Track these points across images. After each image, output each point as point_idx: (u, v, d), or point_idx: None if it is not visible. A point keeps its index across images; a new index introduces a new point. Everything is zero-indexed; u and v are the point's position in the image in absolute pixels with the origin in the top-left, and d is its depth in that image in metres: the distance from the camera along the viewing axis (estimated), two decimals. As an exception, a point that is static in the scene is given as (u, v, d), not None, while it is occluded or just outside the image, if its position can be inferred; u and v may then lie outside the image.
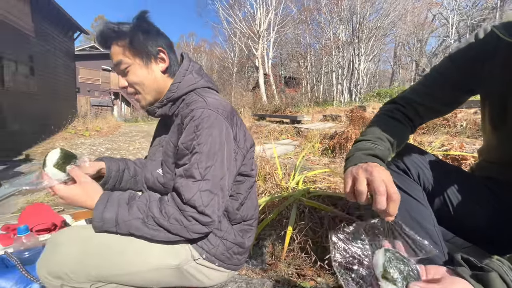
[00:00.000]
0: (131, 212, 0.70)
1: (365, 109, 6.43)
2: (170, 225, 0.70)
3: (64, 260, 0.68)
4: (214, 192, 0.72)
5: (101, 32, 0.82)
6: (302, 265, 1.13)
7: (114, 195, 0.74)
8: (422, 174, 0.76)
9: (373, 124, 0.76)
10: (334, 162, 2.54)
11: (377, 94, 12.74)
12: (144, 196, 0.75)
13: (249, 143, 0.87)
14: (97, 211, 0.70)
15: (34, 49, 7.73)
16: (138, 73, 0.82)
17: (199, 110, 0.74)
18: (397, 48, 21.59)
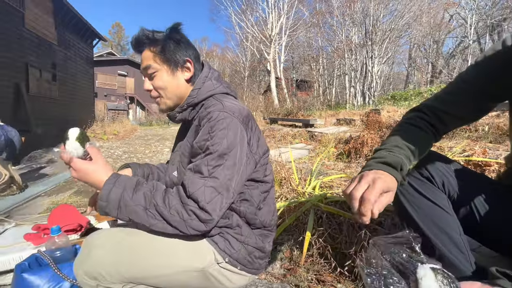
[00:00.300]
0: (134, 197, 0.72)
1: (379, 112, 6.32)
2: (170, 216, 0.71)
3: (99, 262, 0.71)
4: (218, 190, 0.73)
5: (137, 37, 0.89)
6: (322, 271, 1.13)
7: (122, 178, 0.75)
8: (446, 182, 0.75)
9: (394, 133, 0.76)
10: (350, 167, 2.51)
11: (392, 97, 12.49)
12: (152, 183, 0.77)
13: (262, 149, 0.88)
14: (105, 190, 0.72)
15: (57, 56, 8.12)
16: (164, 79, 0.88)
17: (215, 112, 0.77)
18: (412, 49, 21.11)
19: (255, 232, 0.90)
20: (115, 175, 0.76)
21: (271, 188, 0.96)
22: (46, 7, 7.51)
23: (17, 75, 6.14)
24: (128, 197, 0.72)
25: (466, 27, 15.74)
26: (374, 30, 16.37)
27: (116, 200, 0.71)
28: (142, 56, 0.89)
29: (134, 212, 0.71)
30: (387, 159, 0.66)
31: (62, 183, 3.17)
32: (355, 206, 0.57)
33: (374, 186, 0.57)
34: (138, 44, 0.89)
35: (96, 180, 0.75)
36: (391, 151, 0.69)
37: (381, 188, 0.57)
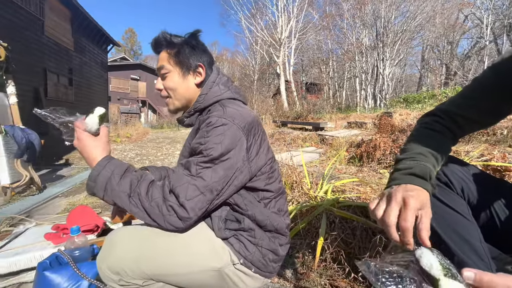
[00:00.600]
0: (120, 183, 0.74)
1: (391, 115, 6.21)
2: (150, 208, 0.72)
3: (122, 258, 0.73)
4: (201, 190, 0.73)
5: (156, 39, 0.93)
6: (335, 276, 1.12)
7: (113, 162, 0.78)
8: (466, 188, 0.74)
9: (412, 139, 0.74)
10: (362, 171, 2.48)
11: (404, 99, 12.24)
12: (141, 173, 0.79)
13: (262, 160, 0.86)
14: (94, 171, 0.75)
15: (73, 61, 8.41)
16: (174, 80, 0.91)
17: (214, 118, 0.78)
18: (425, 51, 20.69)
19: (268, 235, 0.91)
20: (108, 157, 0.79)
21: (280, 196, 0.95)
22: (64, 15, 7.82)
23: (36, 80, 6.40)
24: (115, 181, 0.74)
25: (482, 27, 15.30)
26: (386, 32, 16.15)
27: (103, 183, 0.74)
28: (158, 58, 0.93)
29: (118, 197, 0.74)
30: (414, 169, 0.63)
31: (78, 184, 3.27)
32: (392, 234, 0.52)
33: (407, 208, 0.52)
34: (157, 45, 0.93)
35: (90, 155, 0.78)
36: (415, 159, 0.66)
37: (415, 208, 0.52)
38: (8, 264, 1.30)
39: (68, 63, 8.10)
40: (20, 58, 5.42)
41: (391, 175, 0.67)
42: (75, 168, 4.44)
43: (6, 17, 5.17)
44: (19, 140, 2.60)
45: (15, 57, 4.10)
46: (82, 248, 1.18)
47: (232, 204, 0.86)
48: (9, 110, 2.78)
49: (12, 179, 2.57)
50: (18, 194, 2.68)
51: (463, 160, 0.81)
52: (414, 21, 16.06)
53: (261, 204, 0.89)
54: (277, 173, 0.95)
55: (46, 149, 4.81)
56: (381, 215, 0.55)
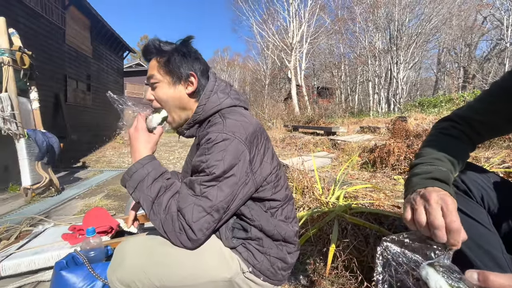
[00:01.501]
0: (150, 187, 0.76)
1: (406, 120, 6.05)
2: (165, 220, 0.73)
3: (132, 270, 0.73)
4: (207, 211, 0.71)
5: (146, 46, 0.90)
6: (347, 284, 1.09)
7: (152, 163, 0.80)
8: (486, 196, 0.71)
9: (428, 144, 0.72)
10: (375, 177, 2.42)
11: (419, 103, 11.92)
12: (171, 182, 0.80)
13: (266, 169, 0.83)
14: (133, 167, 0.78)
15: (91, 68, 8.76)
16: (164, 90, 0.87)
17: (214, 134, 0.75)
18: (441, 54, 20.14)
19: (276, 243, 0.89)
20: (150, 157, 0.81)
21: (287, 203, 0.92)
22: (84, 24, 8.18)
23: (57, 86, 6.69)
24: (147, 184, 0.76)
25: (502, 28, 14.75)
26: (399, 35, 15.87)
27: (136, 181, 0.77)
28: (149, 66, 0.90)
29: (143, 199, 0.76)
30: (434, 174, 0.60)
31: (94, 186, 3.37)
32: (443, 237, 0.48)
33: (450, 208, 0.49)
34: (146, 52, 0.90)
35: (138, 148, 0.82)
36: (433, 164, 0.64)
37: (456, 207, 0.49)
38: (28, 263, 1.35)
39: (86, 69, 8.44)
40: (43, 65, 5.70)
41: (409, 180, 0.64)
42: (91, 171, 4.59)
43: (30, 26, 5.46)
44: (40, 144, 2.72)
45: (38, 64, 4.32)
46: (97, 249, 1.21)
47: (238, 214, 0.85)
48: (31, 115, 2.92)
49: (33, 180, 2.69)
50: (38, 195, 2.79)
51: (482, 167, 0.77)
52: (429, 23, 15.70)
53: (268, 213, 0.87)
54: (283, 180, 0.92)
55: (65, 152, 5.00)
56: (425, 219, 0.51)
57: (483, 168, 0.78)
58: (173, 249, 0.77)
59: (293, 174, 2.14)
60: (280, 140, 6.31)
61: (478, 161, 2.21)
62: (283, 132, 7.87)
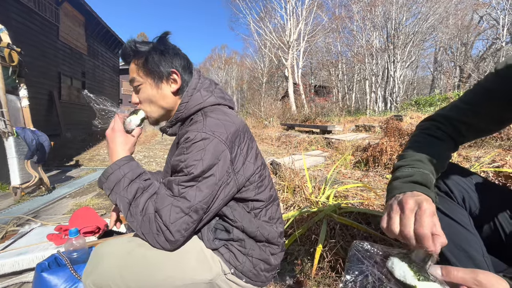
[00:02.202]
0: (127, 188, 0.74)
1: (402, 118, 6.06)
2: (142, 222, 0.72)
3: (107, 273, 0.71)
4: (185, 212, 0.70)
5: (123, 49, 0.87)
6: (333, 285, 1.09)
7: (130, 164, 0.79)
8: (467, 197, 0.70)
9: (411, 146, 0.71)
10: (368, 176, 2.42)
11: (415, 102, 11.97)
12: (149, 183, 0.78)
13: (249, 170, 0.81)
14: (110, 169, 0.77)
15: (86, 65, 8.66)
16: (148, 92, 0.85)
17: (193, 133, 0.73)
18: (437, 53, 20.24)
19: (258, 245, 0.88)
20: (127, 158, 0.80)
21: (271, 204, 0.90)
22: (78, 20, 8.08)
23: (51, 83, 6.61)
24: (123, 185, 0.75)
25: (498, 28, 14.84)
26: (397, 34, 15.90)
27: (113, 183, 0.75)
28: (129, 68, 0.87)
29: (120, 201, 0.74)
30: (415, 177, 0.59)
31: (86, 185, 3.34)
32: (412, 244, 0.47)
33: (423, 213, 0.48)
34: (125, 56, 0.87)
35: (115, 149, 0.81)
36: (414, 166, 0.63)
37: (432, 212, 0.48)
38: (12, 264, 1.33)
39: (81, 67, 8.35)
40: (36, 62, 5.62)
41: (390, 184, 0.63)
42: (84, 169, 4.54)
43: (22, 22, 5.38)
44: (29, 142, 2.68)
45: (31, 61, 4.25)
46: (81, 250, 1.19)
47: (221, 215, 0.83)
48: (21, 113, 2.87)
49: (22, 179, 2.65)
50: (28, 194, 2.76)
51: (465, 168, 0.77)
52: (426, 22, 15.75)
53: (251, 214, 0.85)
54: (268, 180, 0.90)
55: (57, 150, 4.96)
56: (398, 229, 0.49)
57: (466, 169, 0.77)
58: (152, 251, 0.75)
59: (285, 173, 2.13)
60: (275, 138, 6.30)
61: (468, 161, 2.21)
62: (279, 130, 7.86)
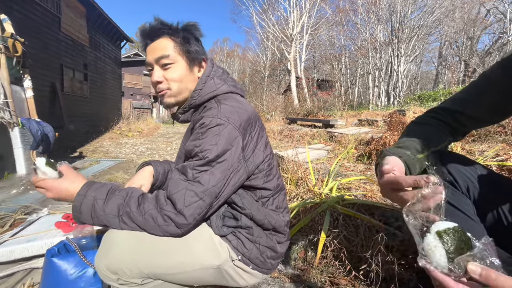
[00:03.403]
0: (105, 207, 0.71)
1: (405, 113, 6.04)
2: (144, 221, 0.71)
3: (120, 257, 0.73)
4: (200, 196, 0.71)
5: (154, 25, 0.83)
6: (336, 274, 1.11)
7: (92, 187, 0.74)
8: (471, 187, 0.71)
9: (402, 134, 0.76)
10: (370, 169, 2.43)
11: (419, 97, 11.89)
12: (126, 190, 0.76)
13: (259, 157, 0.83)
14: (76, 202, 0.72)
15: (88, 57, 8.63)
16: (180, 72, 0.83)
17: (208, 118, 0.74)
18: (442, 47, 19.95)
19: (265, 233, 0.90)
20: (86, 185, 0.75)
21: (279, 193, 0.93)
22: (80, 12, 8.01)
23: (53, 75, 6.61)
24: (99, 207, 0.72)
25: (505, 22, 14.58)
26: (401, 28, 15.66)
27: (88, 212, 0.72)
28: (154, 45, 0.83)
29: (107, 221, 0.72)
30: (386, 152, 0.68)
31: (90, 176, 3.37)
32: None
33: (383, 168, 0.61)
34: (154, 30, 0.83)
35: (68, 195, 0.75)
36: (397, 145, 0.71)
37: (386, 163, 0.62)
38: (21, 250, 1.36)
39: (83, 58, 8.32)
40: (38, 53, 5.61)
41: None
42: (87, 161, 4.58)
43: (24, 13, 5.35)
44: (34, 133, 2.70)
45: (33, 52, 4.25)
46: (89, 236, 1.22)
47: (229, 202, 0.85)
48: (25, 104, 2.89)
49: (28, 169, 2.68)
50: (34, 184, 2.80)
51: (470, 158, 0.78)
52: (431, 15, 15.49)
53: (259, 203, 0.87)
54: (275, 169, 0.92)
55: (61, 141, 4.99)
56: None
57: (470, 160, 0.78)
58: (164, 237, 0.76)
59: (288, 166, 2.15)
60: (278, 132, 6.30)
61: (472, 154, 2.22)
62: (282, 124, 7.85)
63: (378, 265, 0.98)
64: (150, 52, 0.84)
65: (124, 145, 6.52)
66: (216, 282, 0.88)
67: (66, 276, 1.05)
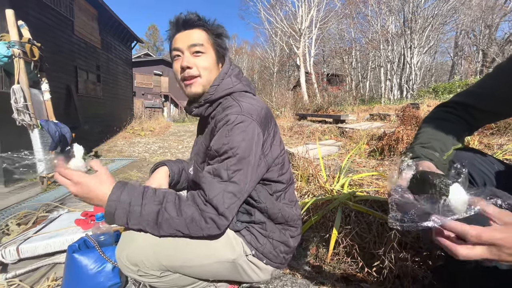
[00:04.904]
0: (142, 214, 0.69)
1: (419, 107, 5.87)
2: (186, 225, 0.70)
3: (141, 249, 0.75)
4: (237, 196, 0.73)
5: (190, 17, 0.86)
6: (348, 270, 1.11)
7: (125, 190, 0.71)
8: (488, 182, 0.69)
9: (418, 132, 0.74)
10: (383, 165, 2.39)
11: (433, 89, 11.49)
12: (163, 193, 0.74)
13: (277, 150, 0.86)
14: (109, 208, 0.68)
15: (100, 59, 8.84)
16: (210, 61, 0.87)
17: (233, 115, 0.76)
18: (458, 37, 19.14)
19: (278, 227, 0.91)
20: (118, 187, 0.71)
21: (290, 186, 0.95)
22: (92, 14, 8.20)
23: (68, 77, 6.82)
24: (136, 213, 0.69)
25: (527, 7, 13.80)
26: (414, 18, 15.12)
27: (124, 218, 0.69)
28: (188, 33, 0.85)
29: (143, 227, 0.71)
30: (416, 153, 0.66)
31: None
32: None
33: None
34: (190, 21, 0.86)
35: (94, 196, 0.70)
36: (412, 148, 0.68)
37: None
38: (44, 246, 1.43)
39: (96, 60, 8.52)
40: (53, 57, 5.79)
41: None
42: (103, 160, 4.73)
43: (39, 18, 5.53)
44: (53, 134, 2.81)
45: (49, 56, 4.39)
46: (107, 233, 1.27)
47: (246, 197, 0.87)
48: (43, 106, 3.00)
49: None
50: (54, 183, 2.91)
51: (486, 153, 0.75)
52: (447, 4, 14.85)
53: (273, 197, 0.89)
54: (287, 163, 0.95)
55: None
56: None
57: (486, 154, 0.76)
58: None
59: (299, 162, 2.14)
60: (288, 128, 6.27)
61: (490, 148, 2.14)
62: (291, 120, 7.80)
63: (391, 262, 0.98)
64: (181, 38, 0.86)
65: (137, 144, 6.67)
66: (230, 277, 0.90)
67: (87, 271, 1.11)
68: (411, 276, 0.93)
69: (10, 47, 2.62)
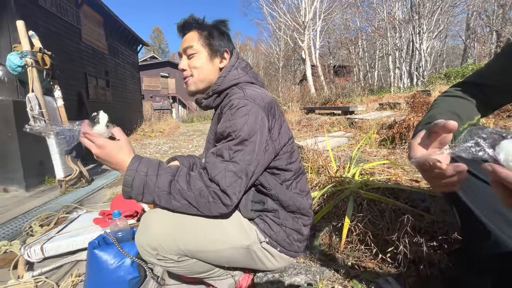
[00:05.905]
0: (158, 183, 0.73)
1: (430, 93, 5.71)
2: (195, 198, 0.74)
3: (159, 234, 0.79)
4: (238, 175, 0.75)
5: (186, 20, 0.96)
6: (362, 257, 1.11)
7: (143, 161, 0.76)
8: (499, 160, 0.68)
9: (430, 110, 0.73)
10: (394, 153, 2.35)
11: (445, 75, 11.12)
12: (176, 167, 0.79)
13: (284, 137, 0.88)
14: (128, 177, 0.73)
15: (108, 64, 9.02)
16: (201, 61, 0.93)
17: (236, 100, 0.80)
18: (470, 18, 18.37)
19: (291, 215, 0.93)
20: (137, 158, 0.77)
21: (300, 176, 0.96)
22: (97, 21, 8.36)
23: (79, 84, 7.00)
24: (152, 183, 0.73)
25: (543, -17, 13.11)
26: (422, 2, 14.63)
27: (140, 187, 0.73)
28: (185, 38, 0.95)
29: (158, 197, 0.75)
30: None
31: (120, 176, 3.58)
32: None
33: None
34: (186, 25, 0.96)
35: (117, 160, 0.76)
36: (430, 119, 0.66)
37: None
38: (67, 245, 1.49)
39: (104, 66, 8.71)
40: (63, 64, 5.95)
41: None
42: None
43: (48, 28, 5.68)
44: (68, 139, 2.90)
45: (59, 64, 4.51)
46: (124, 230, 1.31)
47: (257, 184, 0.89)
48: (57, 112, 3.10)
49: (65, 173, 2.90)
50: (71, 186, 3.02)
51: (497, 129, 0.74)
52: (456, -15, 14.29)
53: (283, 186, 0.91)
54: (297, 153, 0.96)
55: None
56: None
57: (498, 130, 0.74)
58: (197, 217, 0.81)
59: (308, 155, 2.14)
60: (296, 122, 6.24)
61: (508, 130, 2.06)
62: (299, 114, 7.75)
63: (405, 246, 0.97)
64: (181, 43, 0.96)
65: (148, 146, 6.80)
66: (245, 264, 0.92)
67: (107, 266, 1.15)
68: (426, 261, 0.92)
69: (23, 57, 2.71)
